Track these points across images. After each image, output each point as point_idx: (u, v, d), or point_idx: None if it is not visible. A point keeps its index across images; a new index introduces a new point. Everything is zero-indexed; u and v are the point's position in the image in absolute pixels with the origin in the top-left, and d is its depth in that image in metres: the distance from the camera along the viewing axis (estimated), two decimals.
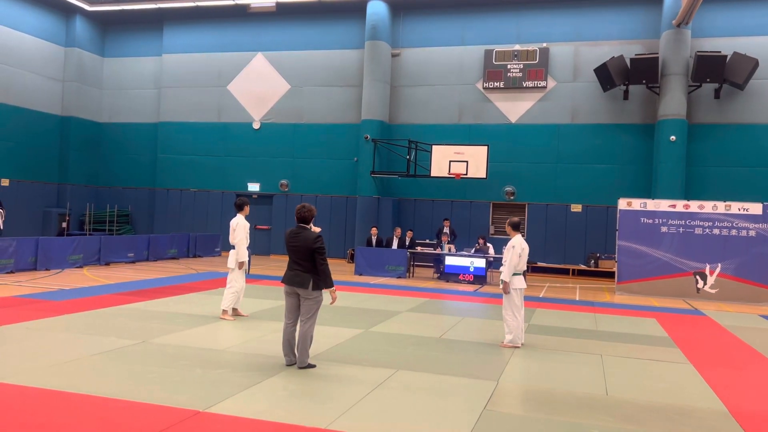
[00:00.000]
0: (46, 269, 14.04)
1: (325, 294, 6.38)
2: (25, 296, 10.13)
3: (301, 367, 6.17)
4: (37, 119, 21.94)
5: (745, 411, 5.50)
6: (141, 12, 22.76)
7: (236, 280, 8.89)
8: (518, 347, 7.77)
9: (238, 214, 9.09)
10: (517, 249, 7.80)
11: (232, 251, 9.02)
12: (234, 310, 9.03)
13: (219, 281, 13.37)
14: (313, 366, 6.25)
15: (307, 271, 6.19)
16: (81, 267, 15.03)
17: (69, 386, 5.22)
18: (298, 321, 6.30)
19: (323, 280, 6.22)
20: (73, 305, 9.34)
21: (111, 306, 9.43)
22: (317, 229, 7.18)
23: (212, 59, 22.77)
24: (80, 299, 9.97)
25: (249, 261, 9.11)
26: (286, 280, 6.30)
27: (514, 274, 7.87)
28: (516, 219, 8.18)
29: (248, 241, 9.11)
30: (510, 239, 8.03)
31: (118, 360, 6.21)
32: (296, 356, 6.24)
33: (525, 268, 8.03)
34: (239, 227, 8.96)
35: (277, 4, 21.62)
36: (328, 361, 6.60)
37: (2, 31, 20.60)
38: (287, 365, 6.24)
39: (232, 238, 8.98)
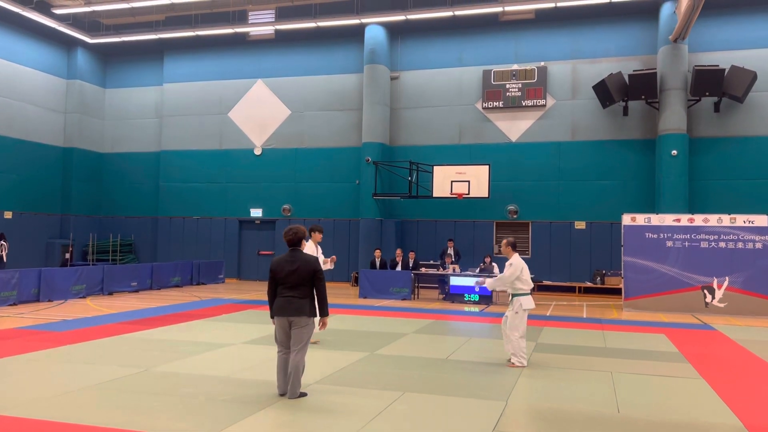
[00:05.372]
0: (49, 300, 13.95)
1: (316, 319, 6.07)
2: (27, 328, 10.05)
3: (292, 398, 5.86)
4: (39, 151, 22.06)
5: (761, 425, 5.36)
6: (141, 43, 23.01)
7: None
8: (525, 366, 7.64)
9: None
10: (517, 266, 7.72)
11: None
12: None
13: (223, 308, 13.29)
14: (305, 395, 5.99)
15: (304, 297, 5.85)
16: (84, 297, 14.95)
17: (71, 417, 5.13)
18: (291, 350, 5.94)
19: (323, 306, 5.97)
20: (75, 335, 9.25)
21: (113, 335, 9.34)
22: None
23: (213, 87, 22.95)
24: (82, 329, 9.89)
25: None
26: (279, 311, 5.87)
27: (523, 294, 7.76)
28: (512, 238, 8.12)
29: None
30: (508, 259, 7.96)
31: (120, 389, 6.11)
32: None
33: (532, 286, 7.91)
34: None
35: (276, 31, 21.87)
36: (334, 384, 6.49)
37: (4, 65, 20.84)
38: (281, 395, 5.94)
39: None
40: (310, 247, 9.02)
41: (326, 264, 9.18)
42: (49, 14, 20.27)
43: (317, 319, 6.08)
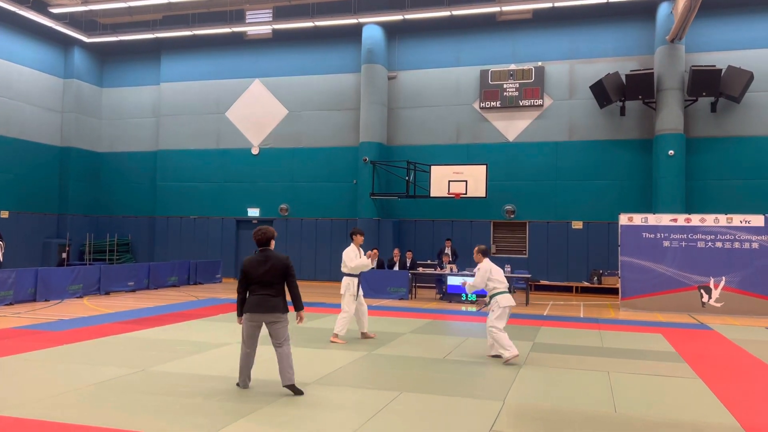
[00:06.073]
0: (46, 300, 13.93)
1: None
2: (24, 327, 10.03)
3: (287, 385, 6.02)
4: (36, 151, 22.02)
5: (758, 425, 5.38)
6: (138, 42, 22.98)
7: (347, 304, 9.27)
8: (517, 354, 7.82)
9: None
10: (484, 269, 8.11)
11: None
12: (363, 333, 9.52)
13: (220, 308, 13.28)
14: (302, 393, 6.04)
15: (278, 294, 6.08)
16: (81, 297, 14.92)
17: (68, 417, 5.12)
18: (275, 346, 6.15)
19: (298, 301, 6.22)
20: (72, 335, 9.23)
21: (110, 335, 9.33)
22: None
23: (210, 87, 22.92)
24: (79, 329, 9.87)
25: (357, 285, 9.45)
26: (253, 308, 6.03)
27: (499, 293, 8.04)
28: (484, 246, 8.53)
29: (360, 261, 9.35)
30: (478, 264, 8.37)
31: (117, 389, 6.10)
32: (249, 378, 6.25)
33: (508, 285, 8.27)
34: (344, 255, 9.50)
35: (273, 30, 21.86)
36: (332, 384, 6.49)
37: (1, 64, 20.77)
38: (243, 388, 6.18)
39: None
40: (352, 249, 9.44)
41: (369, 257, 9.51)
42: (45, 13, 20.23)
43: (291, 313, 6.30)
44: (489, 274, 8.08)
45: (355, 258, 9.36)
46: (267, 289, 6.05)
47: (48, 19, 20.43)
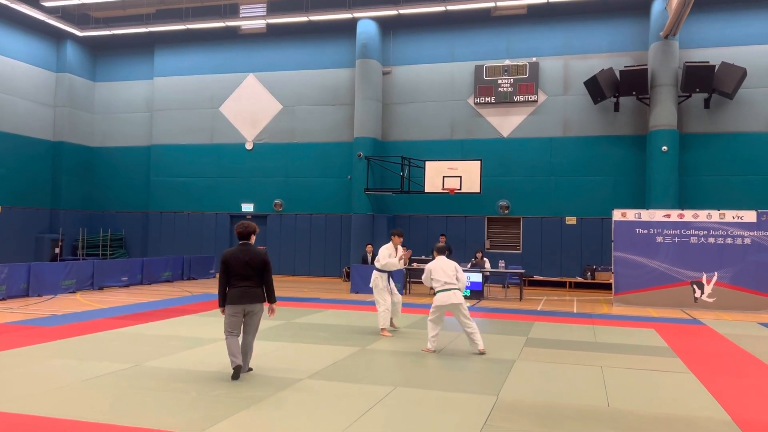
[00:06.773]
0: (39, 295, 13.88)
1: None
2: (16, 323, 9.99)
3: (246, 371, 6.52)
4: (28, 145, 21.89)
5: (748, 419, 5.42)
6: (132, 36, 22.86)
7: (381, 297, 9.53)
8: (432, 351, 8.15)
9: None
10: (427, 269, 8.39)
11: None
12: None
13: (214, 303, 13.25)
14: (251, 369, 6.67)
15: (258, 286, 6.43)
16: (74, 292, 14.87)
17: (61, 413, 5.11)
18: (244, 334, 6.52)
19: (272, 293, 6.51)
20: (65, 330, 9.20)
21: (104, 330, 9.30)
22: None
23: (204, 81, 22.83)
24: (73, 324, 9.84)
25: (387, 279, 9.74)
26: (236, 299, 6.33)
27: (438, 291, 8.23)
28: (441, 244, 8.96)
29: (389, 260, 9.61)
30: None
31: (111, 384, 6.09)
32: (242, 360, 6.46)
33: (449, 282, 8.22)
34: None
35: (268, 25, 21.77)
36: (326, 379, 6.50)
37: None
38: (235, 378, 6.30)
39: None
40: (387, 248, 9.71)
41: (403, 257, 9.69)
42: (38, 7, 20.09)
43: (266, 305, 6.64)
44: (429, 273, 8.33)
45: (387, 257, 9.65)
46: (247, 281, 6.37)
47: (40, 12, 20.29)
